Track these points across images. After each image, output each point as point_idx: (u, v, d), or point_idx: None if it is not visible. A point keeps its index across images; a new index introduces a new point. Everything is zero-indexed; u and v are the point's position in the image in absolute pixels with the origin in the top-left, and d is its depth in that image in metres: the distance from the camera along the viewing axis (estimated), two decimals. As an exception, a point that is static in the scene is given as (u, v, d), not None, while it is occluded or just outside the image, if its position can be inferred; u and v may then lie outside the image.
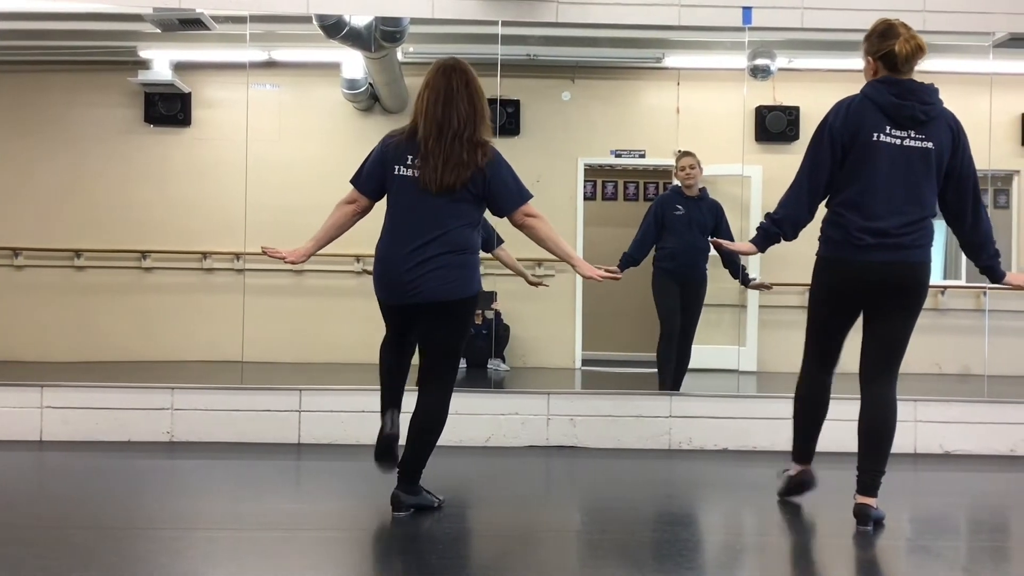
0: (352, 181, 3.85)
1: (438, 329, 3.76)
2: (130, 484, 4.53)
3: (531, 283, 6.10)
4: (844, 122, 3.66)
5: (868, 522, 3.69)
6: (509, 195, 3.72)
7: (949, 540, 3.91)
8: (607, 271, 4.01)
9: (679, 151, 6.44)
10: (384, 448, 3.86)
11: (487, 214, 3.89)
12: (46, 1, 6.29)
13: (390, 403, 3.91)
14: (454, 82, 3.68)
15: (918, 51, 3.62)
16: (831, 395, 3.98)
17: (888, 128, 3.62)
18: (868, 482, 3.72)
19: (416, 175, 3.68)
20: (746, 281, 6.37)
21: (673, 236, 6.17)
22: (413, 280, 3.65)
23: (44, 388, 5.44)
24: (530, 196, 3.77)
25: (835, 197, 3.75)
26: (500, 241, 5.72)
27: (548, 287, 6.39)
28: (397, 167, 3.71)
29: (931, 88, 3.68)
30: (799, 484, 4.10)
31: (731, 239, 6.01)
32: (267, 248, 3.89)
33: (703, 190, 6.28)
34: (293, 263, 3.89)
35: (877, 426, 3.73)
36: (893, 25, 3.65)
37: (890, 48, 3.62)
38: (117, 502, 4.13)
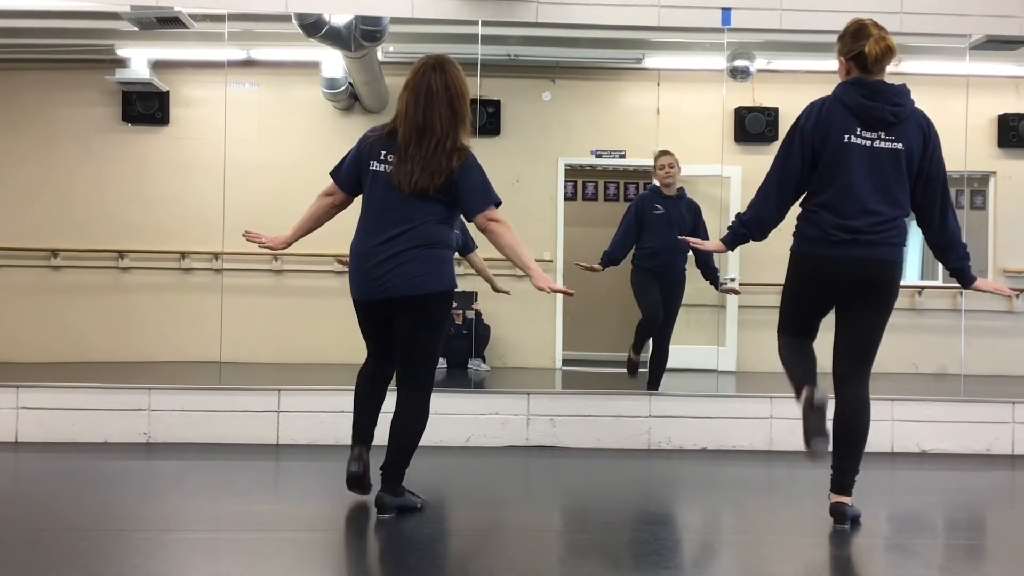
0: (331, 174, 3.87)
1: (413, 326, 3.74)
2: (107, 486, 4.50)
3: (496, 290, 6.14)
4: (815, 125, 3.68)
5: (845, 521, 3.71)
6: (475, 197, 3.70)
7: (926, 538, 3.94)
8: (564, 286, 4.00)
9: (658, 151, 6.45)
10: (354, 480, 3.85)
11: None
12: (22, -2, 6.25)
13: (360, 438, 3.89)
14: (434, 84, 3.66)
15: (888, 52, 3.62)
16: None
17: (858, 130, 3.64)
18: (843, 481, 3.74)
19: (388, 171, 3.69)
20: (718, 285, 6.38)
21: (653, 235, 6.20)
22: (384, 274, 3.65)
23: (20, 389, 5.38)
24: (498, 202, 3.75)
25: (810, 198, 3.77)
26: (474, 247, 5.74)
27: (510, 295, 6.41)
28: (372, 162, 3.73)
29: (901, 89, 3.70)
30: (812, 405, 3.65)
31: (707, 239, 6.06)
32: (249, 232, 3.91)
33: (681, 189, 6.31)
34: (272, 249, 3.93)
35: (851, 425, 3.74)
36: (865, 25, 3.67)
37: (861, 49, 3.63)
38: (93, 504, 4.09)
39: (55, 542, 3.41)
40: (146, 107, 8.24)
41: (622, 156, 8.52)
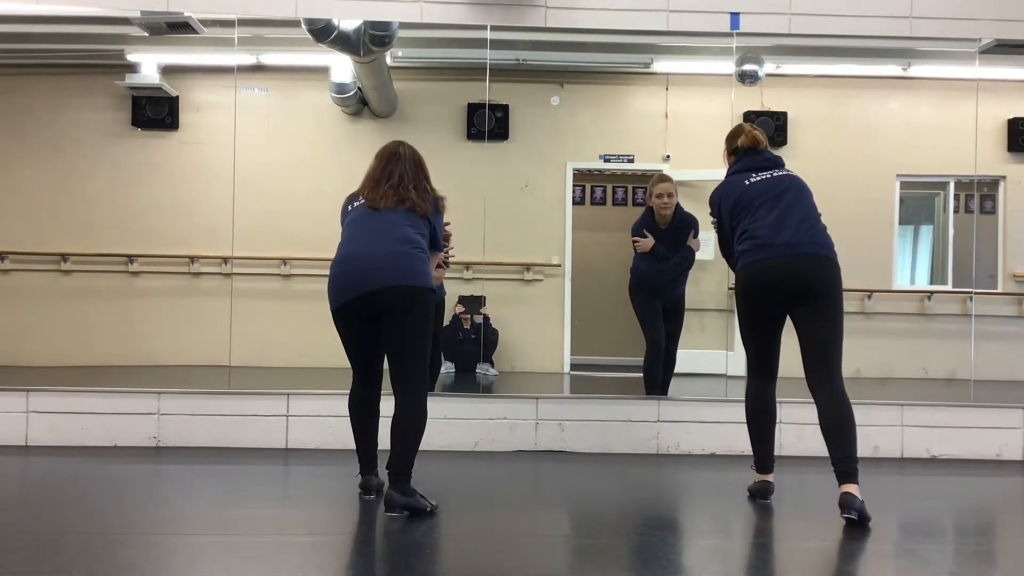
0: None
1: (400, 323, 3.89)
2: (116, 489, 4.51)
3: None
4: (724, 198, 4.29)
5: (851, 510, 3.78)
6: (439, 239, 4.16)
7: (936, 544, 3.92)
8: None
9: (656, 175, 6.21)
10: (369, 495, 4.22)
11: None
12: (33, 4, 6.26)
13: (365, 467, 4.20)
14: (400, 151, 4.10)
15: (756, 141, 4.35)
16: (779, 401, 4.32)
17: (754, 175, 4.27)
18: (845, 470, 3.86)
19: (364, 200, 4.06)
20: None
21: (647, 264, 6.04)
22: (373, 267, 3.88)
23: (30, 393, 5.41)
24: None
25: (742, 229, 4.22)
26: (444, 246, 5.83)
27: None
28: (351, 205, 4.10)
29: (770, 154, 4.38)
30: (756, 492, 4.38)
31: (693, 251, 6.11)
32: None
33: (677, 209, 6.04)
34: None
35: (835, 423, 3.94)
36: (740, 127, 4.45)
37: (736, 143, 4.39)
38: (102, 507, 4.11)
39: (64, 545, 3.43)
40: (156, 112, 8.28)
41: (630, 160, 8.52)
